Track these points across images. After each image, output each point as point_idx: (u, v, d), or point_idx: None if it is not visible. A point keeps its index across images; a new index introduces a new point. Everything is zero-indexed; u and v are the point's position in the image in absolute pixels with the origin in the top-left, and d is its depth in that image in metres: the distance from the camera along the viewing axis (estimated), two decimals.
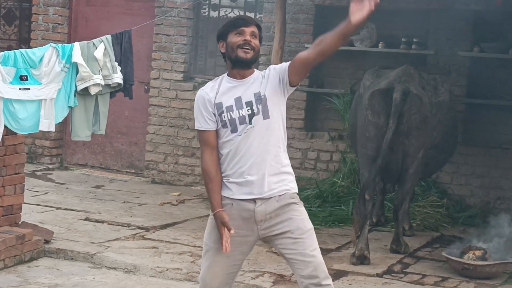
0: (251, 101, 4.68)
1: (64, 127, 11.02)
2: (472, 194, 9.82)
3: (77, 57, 7.34)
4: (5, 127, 7.06)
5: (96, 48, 7.50)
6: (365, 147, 8.00)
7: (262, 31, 4.89)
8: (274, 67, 4.76)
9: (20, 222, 7.72)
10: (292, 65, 4.67)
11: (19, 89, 7.07)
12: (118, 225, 8.60)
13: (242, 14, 5.11)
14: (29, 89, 7.12)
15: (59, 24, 11.43)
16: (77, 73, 7.38)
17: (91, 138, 7.85)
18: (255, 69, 4.80)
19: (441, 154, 8.69)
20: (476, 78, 9.90)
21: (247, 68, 4.73)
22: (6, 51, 7.14)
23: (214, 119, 4.73)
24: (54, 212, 8.99)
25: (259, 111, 4.66)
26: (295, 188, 4.82)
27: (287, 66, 4.69)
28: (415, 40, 9.92)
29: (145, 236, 8.26)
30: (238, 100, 4.70)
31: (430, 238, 8.80)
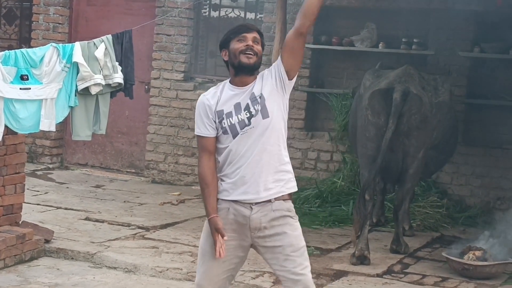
0: (248, 104, 4.69)
1: (65, 127, 11.02)
2: (472, 194, 9.82)
3: (78, 57, 7.34)
4: (6, 127, 7.06)
5: (97, 48, 7.50)
6: (365, 147, 8.00)
7: (263, 31, 4.90)
8: (270, 68, 4.76)
9: (21, 222, 7.72)
10: (284, 48, 4.68)
11: (20, 89, 7.07)
12: (119, 225, 8.60)
13: (244, 23, 5.18)
14: (30, 89, 7.12)
15: (60, 24, 11.43)
16: (78, 73, 7.37)
17: (92, 138, 7.84)
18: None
19: (441, 154, 8.69)
20: (476, 78, 9.90)
21: (250, 74, 4.73)
22: (7, 51, 7.13)
23: (214, 126, 4.73)
24: (55, 212, 8.99)
25: (258, 112, 4.67)
26: (293, 188, 4.81)
27: (280, 56, 4.70)
28: (416, 40, 9.92)
29: (145, 236, 8.26)
30: (237, 106, 4.70)
31: (430, 238, 8.80)
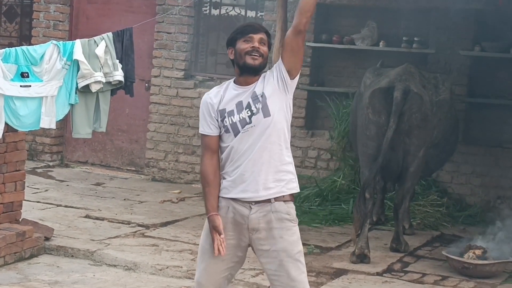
0: (249, 103, 4.70)
1: (65, 125, 11.02)
2: (472, 193, 9.81)
3: (78, 55, 7.34)
4: (6, 124, 7.06)
5: (97, 46, 7.50)
6: (366, 146, 8.00)
7: None
8: (271, 69, 4.79)
9: (21, 219, 7.73)
10: (284, 48, 4.71)
11: (20, 86, 7.07)
12: (119, 223, 8.60)
13: (252, 22, 5.22)
14: (30, 86, 7.12)
15: (60, 22, 11.43)
16: (78, 71, 7.37)
17: (92, 136, 7.85)
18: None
19: (442, 153, 8.68)
20: (477, 77, 9.90)
21: (255, 75, 4.75)
22: (7, 48, 7.14)
23: (217, 125, 4.74)
24: (55, 209, 8.99)
25: (259, 110, 4.67)
26: (295, 188, 4.79)
27: (281, 56, 4.74)
28: (416, 39, 9.92)
29: (145, 234, 8.26)
30: (239, 105, 4.71)
31: (430, 237, 8.79)
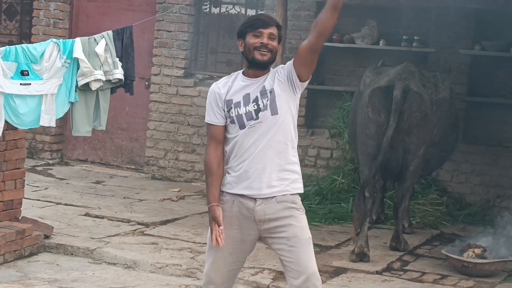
0: (257, 96, 4.71)
1: (65, 123, 11.02)
2: (472, 192, 9.81)
3: (78, 53, 7.33)
4: (6, 122, 7.06)
5: (97, 44, 7.50)
6: (366, 145, 8.00)
7: None
8: (283, 66, 4.79)
9: (20, 217, 7.72)
10: (297, 57, 4.70)
11: (20, 84, 7.07)
12: (118, 221, 8.60)
13: (262, 13, 5.17)
14: (30, 84, 7.12)
15: (60, 20, 11.42)
16: (78, 69, 7.37)
17: (92, 134, 7.85)
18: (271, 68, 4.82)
19: (442, 152, 8.68)
20: (477, 76, 9.89)
21: (263, 69, 4.76)
22: (7, 46, 7.14)
23: (223, 115, 4.75)
24: (54, 207, 8.99)
25: (266, 107, 4.68)
26: (299, 189, 4.79)
27: (293, 61, 4.73)
28: (416, 38, 9.92)
29: (145, 232, 8.26)
30: (246, 97, 4.72)
31: (430, 236, 8.80)
